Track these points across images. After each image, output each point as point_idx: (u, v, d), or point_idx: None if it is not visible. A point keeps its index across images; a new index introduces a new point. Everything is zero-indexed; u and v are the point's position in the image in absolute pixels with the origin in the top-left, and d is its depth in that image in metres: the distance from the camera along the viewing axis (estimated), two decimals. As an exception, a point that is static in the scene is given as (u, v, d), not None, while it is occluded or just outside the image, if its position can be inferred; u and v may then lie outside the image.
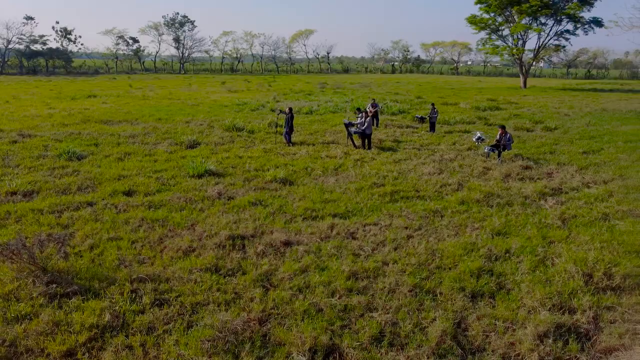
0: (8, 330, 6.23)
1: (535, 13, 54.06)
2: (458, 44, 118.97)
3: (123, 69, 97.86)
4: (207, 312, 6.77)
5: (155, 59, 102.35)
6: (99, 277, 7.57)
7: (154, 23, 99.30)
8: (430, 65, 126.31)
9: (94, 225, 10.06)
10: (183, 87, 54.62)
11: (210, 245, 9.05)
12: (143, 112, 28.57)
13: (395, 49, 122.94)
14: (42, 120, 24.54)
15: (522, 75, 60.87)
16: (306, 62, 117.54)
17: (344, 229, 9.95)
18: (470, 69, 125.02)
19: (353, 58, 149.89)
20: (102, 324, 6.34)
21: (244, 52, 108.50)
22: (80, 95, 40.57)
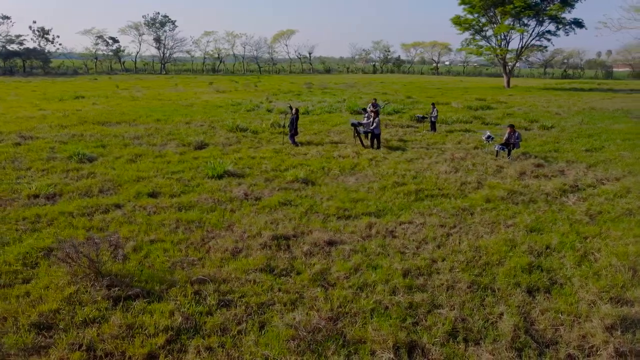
0: (81, 334, 6.15)
1: (519, 14, 55.06)
2: (438, 44, 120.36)
3: (103, 69, 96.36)
4: (274, 312, 6.78)
5: (136, 59, 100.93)
6: (157, 280, 7.51)
7: (134, 23, 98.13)
8: (410, 65, 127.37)
9: (130, 227, 9.95)
10: (169, 87, 54.05)
11: (255, 246, 9.04)
12: (139, 113, 28.21)
13: (376, 49, 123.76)
14: (38, 122, 24.06)
15: (505, 75, 61.90)
16: (288, 62, 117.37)
17: (382, 228, 10.04)
18: (450, 69, 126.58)
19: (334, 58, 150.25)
20: (176, 326, 6.30)
21: (225, 52, 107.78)
22: (67, 96, 39.83)
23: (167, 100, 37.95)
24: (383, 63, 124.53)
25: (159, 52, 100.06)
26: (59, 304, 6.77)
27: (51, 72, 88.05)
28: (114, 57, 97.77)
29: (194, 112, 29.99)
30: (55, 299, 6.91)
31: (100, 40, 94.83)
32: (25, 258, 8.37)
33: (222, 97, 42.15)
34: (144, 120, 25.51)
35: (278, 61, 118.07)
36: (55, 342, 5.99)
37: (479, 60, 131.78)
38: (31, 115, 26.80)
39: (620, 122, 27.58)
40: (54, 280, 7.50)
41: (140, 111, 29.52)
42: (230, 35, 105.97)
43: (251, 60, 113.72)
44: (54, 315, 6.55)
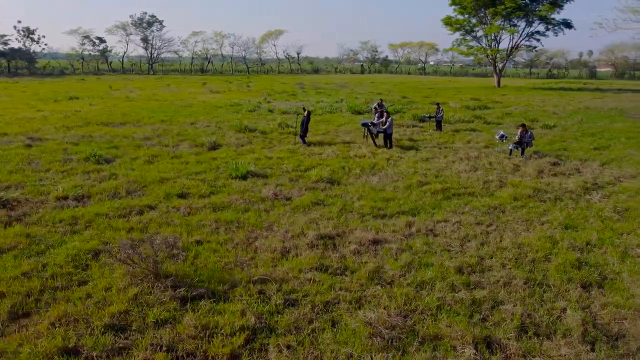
0: (157, 335, 6.15)
1: (509, 15, 55.74)
2: (425, 44, 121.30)
3: (89, 69, 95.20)
4: (341, 310, 6.85)
5: (123, 60, 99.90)
6: (216, 280, 7.52)
7: (121, 23, 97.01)
8: (398, 65, 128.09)
9: (171, 228, 9.93)
10: (162, 88, 53.63)
11: (302, 246, 9.09)
12: (140, 114, 28.00)
13: (364, 50, 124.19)
14: (40, 123, 23.74)
15: (496, 75, 62.65)
16: (276, 62, 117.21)
17: (421, 227, 10.16)
18: (437, 69, 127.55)
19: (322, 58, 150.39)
20: (250, 325, 6.33)
21: (213, 52, 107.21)
22: (61, 97, 39.36)
23: (164, 101, 37.69)
24: (371, 63, 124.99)
25: (146, 52, 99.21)
26: (126, 305, 6.75)
27: (37, 72, 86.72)
28: (100, 57, 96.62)
29: (195, 112, 29.85)
30: (120, 300, 6.88)
31: (86, 40, 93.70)
32: (75, 260, 8.31)
33: (218, 97, 42.00)
34: (147, 121, 25.34)
35: (266, 61, 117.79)
36: (133, 344, 5.98)
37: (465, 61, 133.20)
38: (31, 117, 26.44)
39: (618, 121, 28.13)
40: (113, 282, 7.46)
41: (141, 112, 29.29)
42: (219, 36, 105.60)
43: (239, 61, 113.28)
44: (124, 316, 6.53)
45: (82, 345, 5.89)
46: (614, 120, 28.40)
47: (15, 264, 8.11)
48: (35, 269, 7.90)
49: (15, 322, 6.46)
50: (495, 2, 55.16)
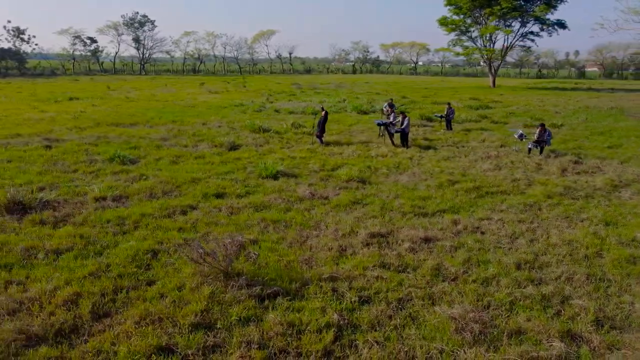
0: (244, 332, 6.20)
1: (505, 15, 56.33)
2: (416, 44, 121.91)
3: (80, 70, 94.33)
4: (417, 306, 6.96)
5: (115, 60, 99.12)
6: (286, 278, 7.59)
7: (112, 22, 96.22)
8: (389, 65, 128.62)
9: (220, 228, 9.97)
10: (159, 88, 53.37)
11: (357, 244, 9.19)
12: (148, 115, 27.87)
13: (355, 50, 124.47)
14: (50, 124, 23.54)
15: (491, 75, 63.25)
16: (268, 62, 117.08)
17: (468, 224, 10.31)
18: (428, 69, 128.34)
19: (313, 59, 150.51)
20: (335, 322, 6.42)
21: (205, 52, 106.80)
22: (60, 97, 38.97)
23: (165, 101, 37.55)
24: (362, 63, 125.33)
25: (138, 52, 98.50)
26: (205, 304, 6.79)
27: (27, 72, 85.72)
28: (92, 57, 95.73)
29: (202, 113, 29.79)
30: (197, 299, 6.92)
31: (77, 40, 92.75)
32: (135, 260, 8.33)
33: (218, 97, 41.93)
34: (158, 122, 25.24)
35: (258, 61, 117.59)
36: (224, 341, 6.03)
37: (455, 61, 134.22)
38: (37, 117, 26.22)
39: (622, 120, 28.61)
40: (183, 281, 7.49)
41: (147, 113, 29.16)
42: (211, 36, 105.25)
43: (231, 61, 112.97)
44: (206, 315, 6.57)
45: (174, 344, 5.93)
46: (617, 119, 28.87)
47: (78, 264, 8.11)
48: (99, 269, 7.90)
49: (99, 321, 6.47)
50: (491, 2, 55.68)
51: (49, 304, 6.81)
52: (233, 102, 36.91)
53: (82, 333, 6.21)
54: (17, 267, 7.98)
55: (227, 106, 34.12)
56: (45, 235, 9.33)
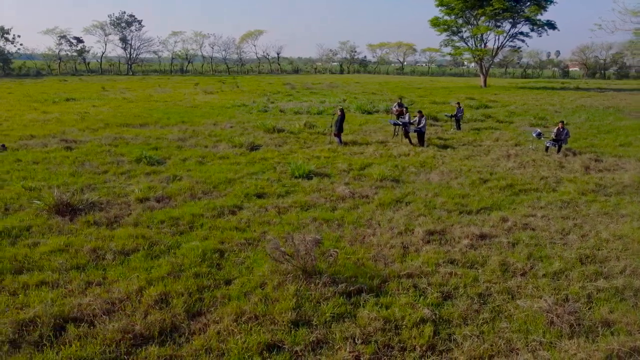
0: (343, 329, 6.32)
1: (497, 16, 57.08)
2: (403, 44, 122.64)
3: (67, 70, 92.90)
4: (498, 300, 7.14)
5: (102, 60, 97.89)
6: (363, 275, 7.71)
7: (99, 22, 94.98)
8: (376, 65, 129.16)
9: (275, 227, 10.06)
10: (152, 88, 52.88)
11: (417, 241, 9.36)
12: (154, 115, 27.69)
13: (342, 50, 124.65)
14: (58, 125, 23.29)
15: (482, 75, 63.99)
16: (256, 62, 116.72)
17: (515, 222, 10.54)
18: (415, 69, 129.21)
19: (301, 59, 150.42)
20: (427, 317, 6.57)
21: (193, 52, 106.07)
22: (57, 98, 38.43)
23: (164, 102, 37.31)
24: (349, 63, 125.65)
25: (125, 52, 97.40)
26: (295, 302, 6.88)
27: (12, 73, 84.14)
28: (78, 57, 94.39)
29: (207, 113, 29.71)
30: (284, 297, 7.01)
31: (63, 40, 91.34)
32: (205, 260, 8.37)
33: (216, 98, 41.75)
34: (167, 122, 25.11)
35: (246, 62, 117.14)
36: (326, 337, 6.14)
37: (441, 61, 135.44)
38: (43, 118, 25.92)
39: (623, 119, 29.26)
40: (261, 280, 7.57)
41: (153, 113, 28.97)
42: (199, 36, 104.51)
43: (219, 61, 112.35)
44: (299, 312, 6.66)
45: (279, 341, 6.02)
46: (618, 118, 29.51)
47: (151, 264, 8.14)
48: (174, 269, 7.93)
49: (194, 320, 6.54)
50: (483, 3, 56.37)
51: (139, 303, 6.84)
52: (234, 102, 36.81)
53: (183, 332, 6.26)
54: (91, 268, 7.98)
55: (230, 107, 34.03)
56: (105, 236, 9.32)
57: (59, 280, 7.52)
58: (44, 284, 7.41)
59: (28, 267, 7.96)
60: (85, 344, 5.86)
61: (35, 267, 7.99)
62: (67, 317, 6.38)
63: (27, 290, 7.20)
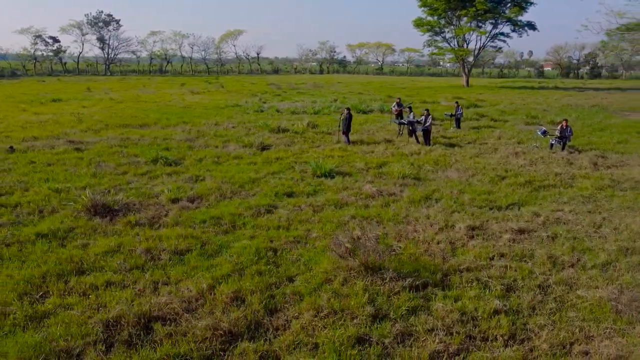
0: (421, 321, 6.50)
1: (480, 17, 58.11)
2: (382, 44, 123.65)
3: (43, 70, 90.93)
4: (559, 291, 7.42)
5: (78, 60, 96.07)
6: (427, 270, 7.91)
7: (76, 21, 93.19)
8: (355, 66, 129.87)
9: (319, 225, 10.18)
10: (137, 89, 52.30)
11: (460, 236, 9.61)
12: (151, 116, 27.48)
13: (322, 50, 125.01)
14: (59, 127, 22.96)
15: (464, 75, 65.02)
16: (236, 62, 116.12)
17: (548, 216, 10.89)
18: (394, 69, 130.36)
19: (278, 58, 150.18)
20: (500, 309, 6.80)
21: (172, 52, 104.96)
22: (42, 99, 37.68)
23: (154, 102, 37.04)
24: (329, 63, 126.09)
25: (103, 52, 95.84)
26: (366, 297, 7.02)
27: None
28: (54, 57, 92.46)
29: (203, 114, 29.61)
30: (355, 292, 7.16)
31: (39, 40, 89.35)
32: (260, 258, 8.46)
33: (205, 98, 41.56)
34: (167, 123, 24.95)
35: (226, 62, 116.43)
36: (408, 330, 6.31)
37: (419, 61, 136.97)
38: (38, 120, 25.51)
39: (611, 118, 30.20)
40: (326, 276, 7.70)
41: (150, 114, 28.73)
42: (178, 35, 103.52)
43: (199, 61, 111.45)
44: (374, 306, 6.81)
45: (365, 334, 6.17)
46: (607, 117, 30.44)
47: (210, 263, 8.20)
48: (235, 268, 8.00)
49: (274, 316, 6.63)
50: (465, 4, 57.31)
51: (214, 301, 6.89)
52: (227, 102, 36.72)
53: (267, 327, 6.35)
54: (151, 268, 7.99)
55: (224, 107, 33.94)
56: (153, 236, 9.31)
57: (124, 281, 7.52)
58: (111, 284, 7.40)
59: (87, 268, 7.93)
60: (177, 342, 5.91)
61: (94, 268, 7.97)
62: (150, 316, 6.40)
63: (96, 290, 7.18)
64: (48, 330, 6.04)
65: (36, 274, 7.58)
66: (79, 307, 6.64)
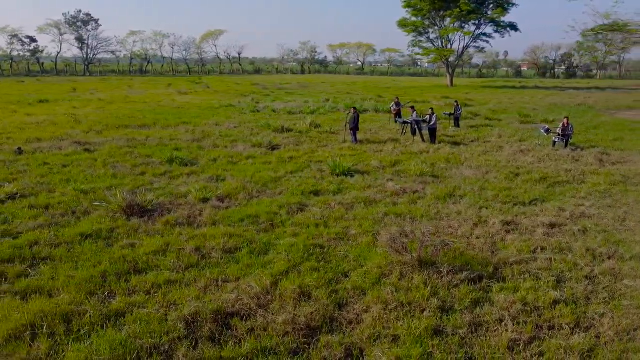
0: (488, 312, 6.72)
1: (464, 17, 59.01)
2: (363, 45, 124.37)
3: (20, 70, 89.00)
4: (605, 281, 7.74)
5: (57, 60, 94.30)
6: (478, 264, 8.15)
7: (54, 21, 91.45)
8: (337, 66, 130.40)
9: (356, 222, 10.34)
10: (123, 89, 51.83)
11: (499, 231, 9.88)
12: (149, 117, 27.33)
13: (303, 50, 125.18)
14: (59, 128, 22.69)
15: (448, 74, 65.92)
16: (217, 63, 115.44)
17: (574, 211, 11.25)
18: (374, 70, 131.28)
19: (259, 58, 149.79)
20: (560, 299, 7.07)
21: (153, 52, 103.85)
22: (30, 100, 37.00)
23: (144, 103, 36.82)
24: (310, 64, 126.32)
25: (81, 52, 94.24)
26: (428, 290, 7.22)
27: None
28: (31, 57, 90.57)
29: (201, 114, 29.55)
30: (415, 286, 7.34)
31: (15, 39, 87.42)
32: (310, 255, 8.58)
33: (195, 99, 41.36)
34: (166, 123, 24.82)
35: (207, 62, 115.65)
36: (478, 321, 6.53)
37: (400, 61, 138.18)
38: (34, 121, 25.12)
39: (600, 116, 31.09)
40: (382, 271, 7.87)
41: (146, 115, 28.56)
42: (158, 35, 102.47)
43: (180, 62, 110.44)
44: (436, 299, 7.01)
45: (440, 325, 6.36)
46: (596, 115, 31.32)
47: (262, 261, 8.29)
48: (292, 266, 8.10)
49: (343, 310, 6.78)
50: (450, 5, 58.14)
51: (280, 297, 7.00)
52: (220, 103, 36.64)
53: (340, 321, 6.50)
54: (207, 267, 8.05)
55: (218, 107, 33.87)
56: (197, 235, 9.36)
57: (185, 279, 7.56)
58: (172, 282, 7.44)
59: (143, 268, 7.95)
60: (260, 337, 6.01)
61: (149, 267, 7.99)
62: (225, 313, 6.48)
63: (159, 289, 7.21)
64: (129, 328, 6.07)
65: (95, 274, 7.57)
66: (149, 306, 6.68)
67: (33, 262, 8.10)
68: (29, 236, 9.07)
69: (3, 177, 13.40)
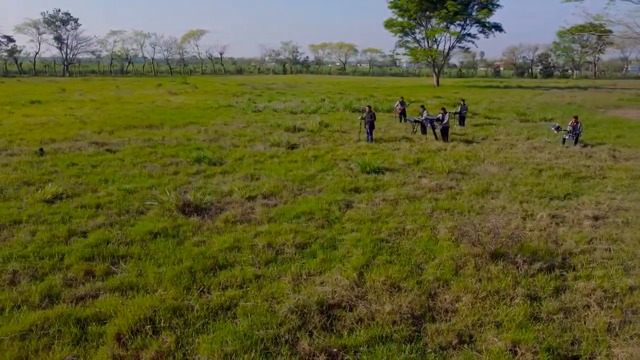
0: (572, 299, 7.07)
1: (450, 18, 59.95)
2: (345, 45, 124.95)
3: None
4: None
5: (35, 61, 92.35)
6: (547, 255, 8.50)
7: (32, 20, 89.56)
8: (319, 66, 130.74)
9: (410, 218, 10.62)
10: (112, 90, 51.15)
11: (548, 225, 10.27)
12: (153, 117, 27.17)
13: (285, 50, 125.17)
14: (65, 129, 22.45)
15: (435, 75, 66.84)
16: (199, 63, 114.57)
17: (610, 204, 11.74)
18: (356, 70, 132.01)
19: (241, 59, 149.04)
20: (634, 286, 7.46)
21: (134, 52, 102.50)
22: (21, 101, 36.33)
23: (139, 103, 36.52)
24: (292, 64, 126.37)
25: (61, 52, 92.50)
26: (509, 280, 7.53)
27: None
28: (9, 58, 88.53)
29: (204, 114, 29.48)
30: (495, 276, 7.66)
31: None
32: (380, 249, 8.82)
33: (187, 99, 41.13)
34: (173, 124, 24.73)
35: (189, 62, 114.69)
36: (568, 307, 6.87)
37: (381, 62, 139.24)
38: (37, 122, 24.75)
39: (594, 114, 32.05)
40: (456, 264, 8.17)
41: (149, 115, 28.35)
42: (139, 35, 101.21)
43: (161, 62, 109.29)
44: (519, 287, 7.33)
45: (536, 312, 6.67)
46: (591, 113, 32.27)
47: (338, 255, 8.50)
48: (369, 260, 8.33)
49: (434, 300, 7.04)
50: (436, 6, 59.00)
51: (372, 289, 7.23)
52: (218, 103, 36.54)
53: (438, 310, 6.76)
54: (286, 262, 8.21)
55: (218, 107, 33.81)
56: (263, 232, 9.52)
57: (268, 273, 7.73)
58: (259, 277, 7.60)
59: (224, 264, 8.07)
60: (371, 326, 6.23)
61: (229, 263, 8.12)
62: (327, 304, 6.67)
63: (250, 283, 7.37)
64: (242, 321, 6.21)
65: (182, 270, 7.67)
66: (250, 299, 6.83)
67: (112, 260, 8.15)
68: (97, 235, 9.11)
69: (37, 178, 13.29)
